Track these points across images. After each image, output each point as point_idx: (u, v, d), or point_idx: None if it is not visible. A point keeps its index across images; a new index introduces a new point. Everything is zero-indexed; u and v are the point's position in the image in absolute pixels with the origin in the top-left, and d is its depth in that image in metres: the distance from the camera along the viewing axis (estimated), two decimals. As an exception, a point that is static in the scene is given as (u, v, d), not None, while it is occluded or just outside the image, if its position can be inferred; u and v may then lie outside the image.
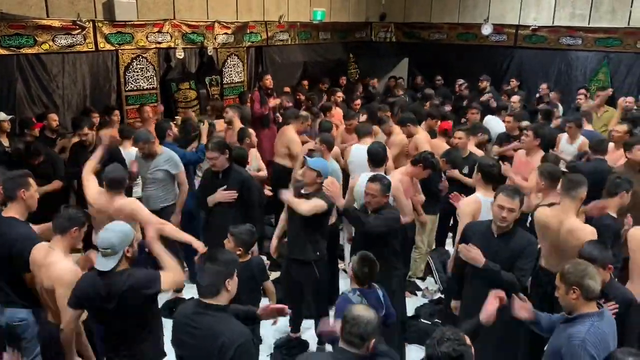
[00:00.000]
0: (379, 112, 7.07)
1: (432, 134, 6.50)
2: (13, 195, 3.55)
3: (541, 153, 5.41)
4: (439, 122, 6.70)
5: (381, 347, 2.61)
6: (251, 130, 5.79)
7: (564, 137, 6.42)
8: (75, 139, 5.80)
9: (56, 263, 3.19)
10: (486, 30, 10.68)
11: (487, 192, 4.21)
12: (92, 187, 4.31)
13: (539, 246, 3.90)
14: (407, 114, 6.46)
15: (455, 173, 5.62)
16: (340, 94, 8.53)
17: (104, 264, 2.98)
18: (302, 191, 4.35)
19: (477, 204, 4.21)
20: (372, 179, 3.99)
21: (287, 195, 4.33)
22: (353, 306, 2.59)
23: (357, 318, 2.47)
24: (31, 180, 3.67)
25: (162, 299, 5.34)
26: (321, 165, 4.30)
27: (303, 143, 6.40)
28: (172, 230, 4.18)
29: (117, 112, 6.59)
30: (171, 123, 6.03)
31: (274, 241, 4.72)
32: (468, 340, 2.29)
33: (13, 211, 3.55)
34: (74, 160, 5.60)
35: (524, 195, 3.60)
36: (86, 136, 5.47)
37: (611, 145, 5.77)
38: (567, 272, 2.73)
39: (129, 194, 5.06)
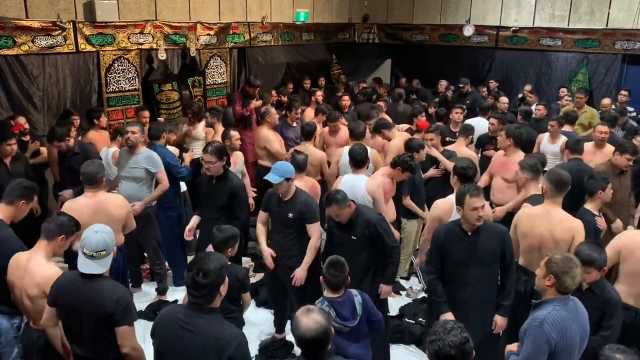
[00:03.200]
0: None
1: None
2: (13, 200, 3.59)
3: (518, 152, 5.50)
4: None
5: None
6: (234, 132, 5.77)
7: (545, 137, 6.54)
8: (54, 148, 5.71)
9: (40, 267, 3.16)
10: (468, 31, 10.79)
11: None
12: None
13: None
14: (381, 121, 6.51)
15: (434, 152, 5.72)
16: (320, 93, 8.54)
17: (94, 267, 2.92)
18: (281, 198, 4.34)
19: (448, 206, 4.29)
20: (327, 203, 3.96)
21: (301, 271, 4.29)
22: (298, 319, 2.52)
23: (305, 330, 2.46)
24: (35, 198, 3.73)
25: (145, 302, 5.35)
26: (283, 171, 4.26)
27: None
28: None
29: (103, 114, 6.47)
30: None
31: (269, 250, 4.52)
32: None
33: (1, 213, 3.56)
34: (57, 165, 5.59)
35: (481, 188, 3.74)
36: (59, 147, 5.36)
37: (590, 145, 5.88)
38: (554, 262, 2.81)
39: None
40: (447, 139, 6.57)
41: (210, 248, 3.74)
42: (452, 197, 4.34)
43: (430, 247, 3.91)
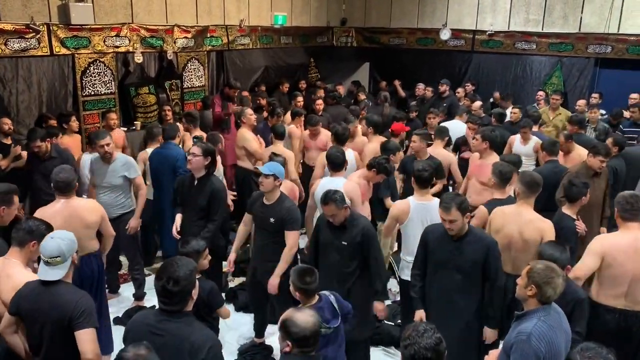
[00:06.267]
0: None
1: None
2: None
3: (493, 155, 5.58)
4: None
5: None
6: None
7: (517, 139, 6.69)
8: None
9: (18, 274, 3.09)
10: (444, 35, 10.90)
11: (421, 197, 4.34)
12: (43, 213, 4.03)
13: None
14: (376, 118, 6.53)
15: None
16: (300, 98, 8.55)
17: (51, 274, 2.87)
18: (265, 201, 4.33)
19: (405, 207, 4.34)
20: (324, 202, 3.93)
21: (275, 279, 4.22)
22: (294, 318, 2.56)
23: (306, 325, 2.54)
24: (15, 199, 3.64)
25: (122, 308, 5.29)
26: (275, 168, 4.31)
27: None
28: None
29: (74, 117, 6.43)
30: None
31: (232, 256, 4.61)
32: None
33: None
34: (30, 170, 5.49)
35: (463, 199, 3.63)
36: (39, 148, 5.30)
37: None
38: (535, 271, 2.81)
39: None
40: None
41: None
42: (410, 199, 4.41)
43: (418, 245, 3.92)
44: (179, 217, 4.86)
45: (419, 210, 4.24)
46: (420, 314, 3.88)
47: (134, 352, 2.30)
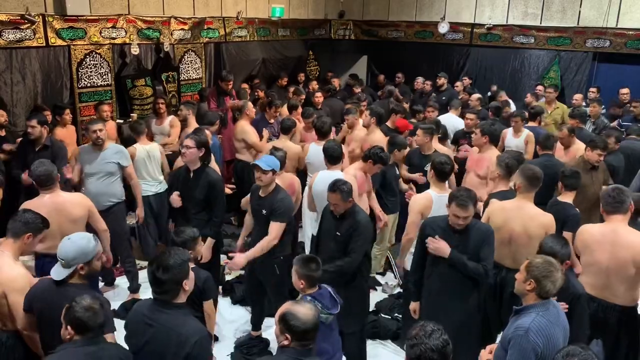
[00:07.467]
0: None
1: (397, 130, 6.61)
2: None
3: (493, 149, 5.56)
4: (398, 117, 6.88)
5: None
6: (206, 132, 5.71)
7: (509, 132, 6.68)
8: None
9: (6, 267, 3.07)
10: (443, 28, 10.86)
11: (441, 189, 4.32)
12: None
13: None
14: (380, 109, 6.50)
15: (407, 175, 5.77)
16: (303, 96, 8.48)
17: (56, 273, 2.89)
18: (260, 194, 4.31)
19: (428, 201, 4.30)
20: (331, 189, 3.90)
21: (242, 258, 4.14)
22: (296, 312, 2.52)
23: (307, 319, 2.51)
24: None
25: (119, 301, 5.27)
26: (272, 162, 4.27)
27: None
28: None
29: (68, 110, 6.36)
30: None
31: (240, 242, 4.78)
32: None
33: None
34: (22, 156, 5.42)
35: (475, 194, 3.62)
36: (33, 129, 5.23)
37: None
38: (534, 266, 2.80)
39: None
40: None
41: None
42: (430, 192, 4.37)
43: (417, 240, 3.89)
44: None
45: (441, 203, 4.19)
46: (415, 306, 3.90)
47: (89, 303, 2.42)
